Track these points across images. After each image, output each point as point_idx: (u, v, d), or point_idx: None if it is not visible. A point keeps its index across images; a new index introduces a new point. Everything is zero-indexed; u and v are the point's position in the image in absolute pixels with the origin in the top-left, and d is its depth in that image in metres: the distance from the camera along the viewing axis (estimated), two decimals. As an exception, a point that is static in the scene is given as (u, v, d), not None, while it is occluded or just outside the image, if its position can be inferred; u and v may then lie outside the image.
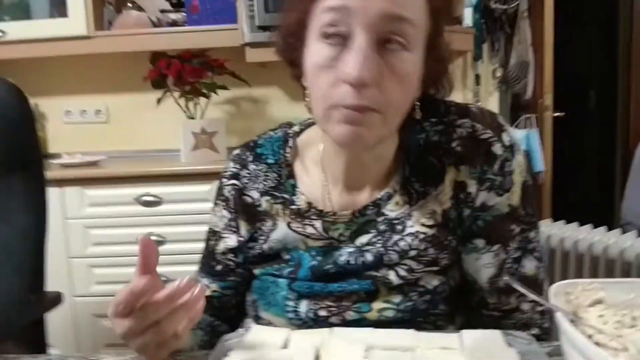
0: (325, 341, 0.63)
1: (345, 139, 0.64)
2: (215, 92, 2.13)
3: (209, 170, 1.92)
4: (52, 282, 1.36)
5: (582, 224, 1.96)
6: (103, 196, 1.96)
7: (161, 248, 1.96)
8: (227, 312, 0.86)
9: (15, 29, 2.10)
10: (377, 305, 0.73)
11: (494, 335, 0.65)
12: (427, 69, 0.68)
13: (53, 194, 1.87)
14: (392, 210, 0.73)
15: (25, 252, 1.23)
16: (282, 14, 0.71)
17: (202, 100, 2.14)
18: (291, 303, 0.75)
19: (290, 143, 0.79)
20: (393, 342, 0.63)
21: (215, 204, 0.84)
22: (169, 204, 1.95)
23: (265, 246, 0.78)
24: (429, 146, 0.72)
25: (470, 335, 0.65)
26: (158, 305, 0.58)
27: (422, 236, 0.71)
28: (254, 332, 0.68)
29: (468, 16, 2.21)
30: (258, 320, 0.79)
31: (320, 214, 0.75)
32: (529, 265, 0.73)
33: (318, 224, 0.75)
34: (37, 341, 1.27)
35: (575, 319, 0.58)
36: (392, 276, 0.72)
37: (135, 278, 0.60)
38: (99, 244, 1.98)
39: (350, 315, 0.73)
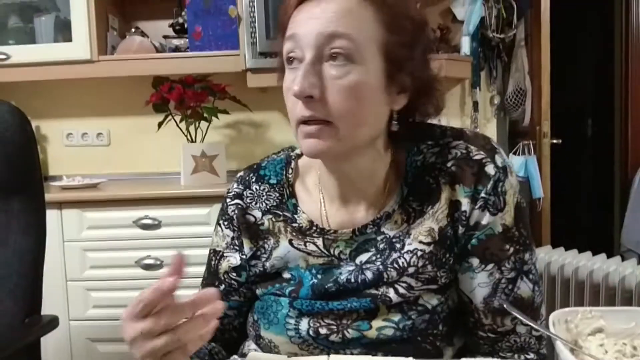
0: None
1: (307, 151, 0.70)
2: (216, 117, 2.14)
3: (208, 194, 1.92)
4: (49, 305, 1.35)
5: (580, 250, 1.95)
6: (102, 219, 1.96)
7: (158, 272, 1.95)
8: (228, 335, 0.85)
9: (19, 52, 2.12)
10: (377, 323, 0.74)
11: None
12: (396, 81, 0.70)
13: (52, 216, 1.87)
14: (391, 229, 0.75)
15: (22, 274, 1.23)
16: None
17: (203, 124, 2.16)
18: (292, 321, 0.76)
19: (292, 165, 0.83)
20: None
21: (218, 224, 0.85)
22: (168, 227, 1.95)
23: (267, 264, 0.80)
24: (426, 167, 0.75)
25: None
26: (179, 309, 0.58)
27: (420, 253, 0.73)
28: (251, 359, 0.67)
29: (466, 45, 2.24)
30: (259, 339, 0.79)
31: (322, 232, 0.77)
32: (524, 288, 0.74)
33: (319, 241, 0.77)
34: (32, 365, 1.25)
35: (576, 348, 0.58)
36: (391, 294, 0.73)
37: (161, 279, 0.59)
38: (96, 267, 1.97)
39: (350, 333, 0.74)
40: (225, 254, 0.84)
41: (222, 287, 0.84)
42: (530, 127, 2.46)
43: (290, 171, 0.82)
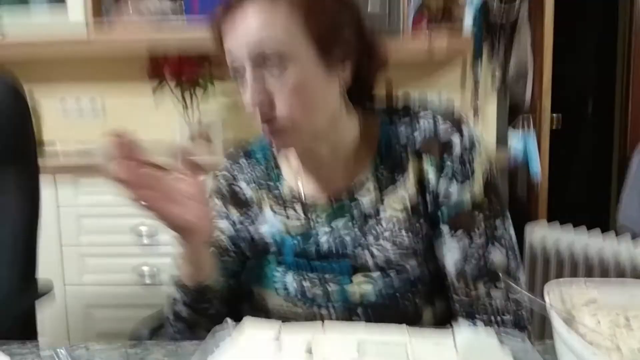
0: (317, 335, 0.63)
1: (277, 147, 0.79)
2: (212, 84, 2.11)
3: (204, 162, 1.90)
4: (44, 271, 1.35)
5: (575, 226, 1.96)
6: (97, 184, 1.95)
7: (153, 239, 1.95)
8: (226, 295, 0.88)
9: (13, 19, 2.08)
10: (357, 278, 0.78)
11: (486, 333, 0.65)
12: (335, 57, 0.73)
13: (46, 182, 1.87)
14: (364, 196, 0.79)
15: (18, 240, 1.23)
16: None
17: (199, 91, 2.13)
18: (278, 274, 0.82)
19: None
20: (385, 336, 0.63)
21: (210, 196, 0.91)
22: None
23: (251, 228, 0.86)
24: (396, 137, 0.79)
25: (463, 332, 0.65)
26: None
27: (395, 219, 0.77)
28: (245, 326, 0.68)
29: (468, 18, 2.20)
30: (249, 295, 0.85)
31: (300, 198, 0.83)
32: (496, 253, 0.76)
33: (298, 207, 0.83)
34: (27, 329, 1.26)
35: (569, 317, 0.58)
36: (367, 257, 0.78)
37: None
38: (91, 233, 1.97)
39: (332, 287, 0.79)
40: (219, 224, 0.88)
41: (212, 248, 0.86)
42: (531, 103, 2.44)
43: (274, 146, 0.85)
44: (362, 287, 0.77)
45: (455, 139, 0.76)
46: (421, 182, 0.77)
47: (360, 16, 0.77)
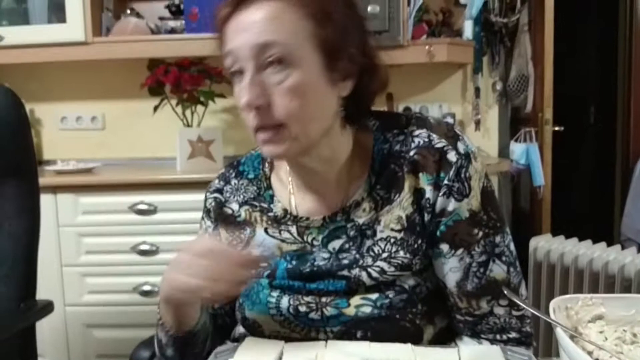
0: (320, 354, 0.62)
1: (267, 155, 0.75)
2: (212, 100, 2.12)
3: (205, 179, 1.87)
4: (44, 290, 1.35)
5: (580, 238, 1.95)
6: (97, 204, 1.94)
7: (154, 258, 1.94)
8: (221, 320, 0.88)
9: (13, 33, 2.10)
10: (355, 301, 0.76)
11: (492, 351, 0.64)
12: (338, 71, 0.73)
13: (46, 201, 1.86)
14: (360, 217, 0.78)
15: (17, 259, 1.23)
16: None
17: (200, 108, 2.14)
18: (273, 300, 0.79)
19: (268, 159, 0.87)
20: (389, 355, 0.62)
21: (202, 217, 0.92)
22: (164, 212, 1.93)
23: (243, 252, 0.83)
24: (391, 155, 0.78)
25: (469, 350, 0.64)
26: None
27: (392, 240, 0.76)
28: (248, 345, 0.67)
29: (468, 29, 2.21)
30: (245, 321, 0.82)
31: (295, 219, 0.81)
32: (498, 270, 0.75)
33: (293, 229, 0.81)
34: (27, 349, 1.25)
35: (576, 334, 0.57)
36: (364, 277, 0.76)
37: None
38: (92, 252, 1.96)
39: (329, 310, 0.77)
40: None
41: None
42: (533, 113, 2.44)
43: (266, 165, 0.87)
44: (360, 309, 0.75)
45: (452, 157, 0.75)
46: (418, 201, 0.76)
47: (367, 37, 0.77)
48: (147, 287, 1.94)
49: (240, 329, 0.86)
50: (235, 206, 0.86)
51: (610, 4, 3.12)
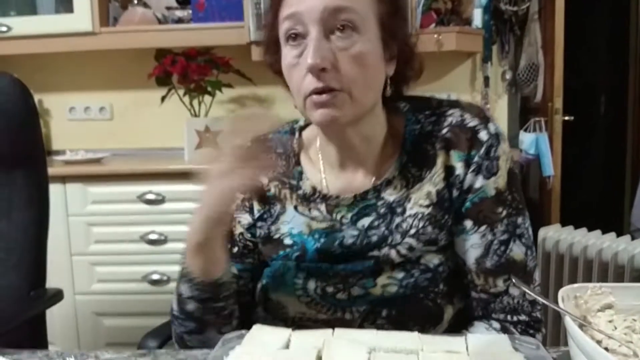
0: (327, 342, 0.62)
1: (322, 120, 0.73)
2: (220, 90, 2.12)
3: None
4: (54, 279, 1.36)
5: (590, 229, 1.94)
6: (106, 194, 1.96)
7: (163, 247, 1.96)
8: (242, 298, 0.86)
9: (21, 24, 2.11)
10: (381, 280, 0.77)
11: (500, 339, 0.64)
12: (390, 48, 0.76)
13: (56, 191, 1.87)
14: (391, 194, 0.79)
15: (26, 248, 1.23)
16: (263, 36, 0.83)
17: (207, 98, 2.14)
18: (300, 282, 0.80)
19: (297, 135, 0.88)
20: (396, 344, 0.62)
21: None
22: (172, 202, 1.94)
23: (273, 227, 0.84)
24: (423, 135, 0.79)
25: (476, 339, 0.64)
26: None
27: (420, 215, 0.77)
28: (255, 333, 0.67)
29: (477, 17, 2.19)
30: (267, 302, 0.83)
31: (324, 198, 0.81)
32: (517, 250, 0.76)
33: (322, 207, 0.81)
34: (37, 337, 1.26)
35: (585, 323, 0.57)
36: (393, 254, 0.77)
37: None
38: (101, 242, 1.97)
39: (356, 290, 0.78)
40: (236, 216, 0.87)
41: (236, 249, 0.86)
42: (542, 103, 2.42)
43: (295, 141, 0.87)
44: (386, 289, 0.77)
45: (483, 136, 0.76)
46: (448, 177, 0.77)
47: (408, 24, 0.80)
48: (155, 276, 1.96)
49: (259, 313, 0.86)
50: (264, 180, 0.85)
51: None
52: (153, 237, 1.95)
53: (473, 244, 0.77)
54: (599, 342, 0.53)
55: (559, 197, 2.43)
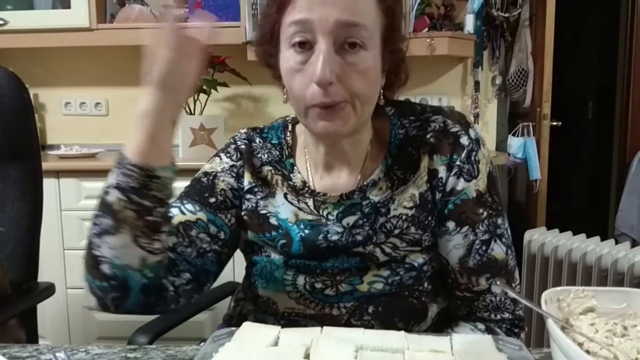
0: (316, 340, 0.63)
1: (323, 133, 0.74)
2: (215, 89, 2.12)
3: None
4: (46, 273, 1.36)
5: (575, 232, 1.96)
6: (99, 189, 1.94)
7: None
8: (195, 254, 0.80)
9: (17, 18, 2.10)
10: (368, 278, 0.80)
11: (484, 340, 0.66)
12: (386, 60, 0.77)
13: (49, 185, 1.87)
14: (376, 195, 0.81)
15: (19, 241, 1.23)
16: (258, 23, 0.81)
17: (202, 96, 2.14)
18: (289, 278, 0.82)
19: (290, 128, 0.89)
20: (383, 343, 0.63)
21: (217, 155, 0.89)
22: (165, 199, 1.94)
23: (261, 202, 0.84)
24: (408, 139, 0.82)
25: (461, 339, 0.65)
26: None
27: (404, 217, 0.79)
28: (245, 330, 0.68)
29: (470, 23, 2.21)
30: (257, 299, 0.85)
31: (312, 193, 0.83)
32: (498, 250, 0.79)
33: (310, 201, 0.83)
34: (28, 331, 1.27)
35: (567, 326, 0.58)
36: (378, 253, 0.79)
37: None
38: (93, 237, 1.97)
39: (344, 287, 0.80)
40: (219, 175, 0.85)
41: (213, 199, 0.83)
42: (531, 108, 2.44)
43: (288, 134, 0.88)
44: (373, 286, 0.79)
45: (464, 140, 0.79)
46: (431, 180, 0.80)
47: (403, 40, 0.80)
48: (147, 272, 1.96)
49: (249, 306, 0.88)
50: (257, 162, 0.86)
51: (612, 1, 3.12)
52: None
53: (456, 244, 0.79)
54: (580, 345, 0.54)
55: (545, 200, 2.46)
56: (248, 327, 0.69)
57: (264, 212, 0.84)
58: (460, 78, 2.42)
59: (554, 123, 2.51)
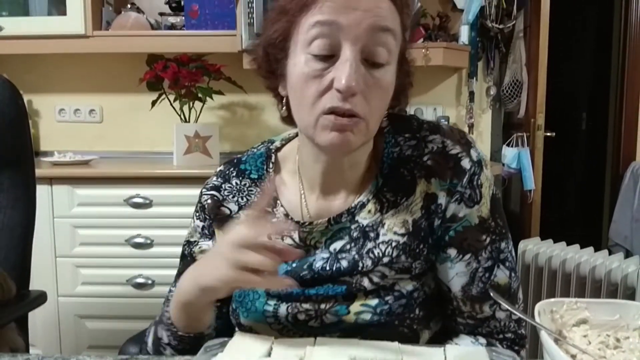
0: (309, 351, 0.63)
1: (333, 144, 0.68)
2: (210, 97, 2.13)
3: (200, 175, 1.91)
4: (38, 281, 1.35)
5: (568, 243, 1.97)
6: (93, 196, 1.95)
7: (148, 251, 1.95)
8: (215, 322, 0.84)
9: (13, 24, 2.10)
10: (355, 308, 0.74)
11: (478, 351, 0.65)
12: (398, 79, 0.73)
13: (42, 192, 1.86)
14: (364, 218, 0.76)
15: (11, 249, 1.22)
16: (264, 25, 0.74)
17: (197, 104, 2.15)
18: (270, 308, 0.77)
19: (272, 159, 0.83)
20: (377, 354, 0.63)
21: (192, 217, 0.87)
22: (159, 206, 1.94)
23: None
24: (402, 159, 0.76)
25: (455, 350, 0.65)
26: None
27: (394, 244, 0.74)
28: (237, 340, 0.68)
29: (464, 34, 2.23)
30: (240, 327, 0.80)
31: (297, 224, 0.77)
32: (501, 275, 0.76)
33: (295, 234, 0.78)
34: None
35: (560, 338, 0.58)
36: (365, 282, 0.74)
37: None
38: (86, 244, 1.96)
39: (329, 318, 0.75)
40: (194, 242, 0.85)
41: None
42: (525, 119, 2.46)
43: (270, 165, 0.82)
44: (360, 316, 0.74)
45: (466, 164, 0.74)
46: (428, 206, 0.75)
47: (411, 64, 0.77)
48: (140, 280, 1.95)
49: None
50: (234, 207, 0.82)
51: (606, 11, 3.16)
52: (139, 240, 1.94)
53: (458, 272, 0.75)
54: (573, 357, 0.54)
55: (539, 210, 2.47)
56: (241, 337, 0.69)
57: None
58: (455, 88, 2.43)
59: (548, 134, 2.53)
